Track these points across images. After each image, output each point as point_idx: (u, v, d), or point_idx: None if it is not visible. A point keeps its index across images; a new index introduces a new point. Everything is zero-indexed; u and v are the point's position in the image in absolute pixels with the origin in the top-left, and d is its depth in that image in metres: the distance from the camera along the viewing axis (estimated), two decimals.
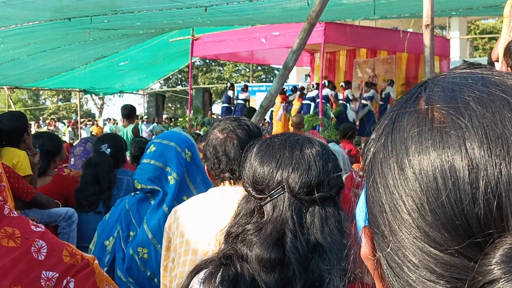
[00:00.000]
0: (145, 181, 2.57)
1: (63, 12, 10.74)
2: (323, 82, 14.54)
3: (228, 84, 20.27)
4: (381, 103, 16.31)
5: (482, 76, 0.53)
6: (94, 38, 14.06)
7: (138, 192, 2.69)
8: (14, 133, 3.56)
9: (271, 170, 1.32)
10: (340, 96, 16.09)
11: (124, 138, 5.51)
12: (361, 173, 0.61)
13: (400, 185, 0.51)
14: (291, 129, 12.58)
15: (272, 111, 16.47)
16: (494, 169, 0.46)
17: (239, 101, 18.12)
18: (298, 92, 17.10)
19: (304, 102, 15.48)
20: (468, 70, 0.56)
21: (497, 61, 3.02)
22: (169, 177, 2.56)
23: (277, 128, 15.93)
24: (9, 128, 3.55)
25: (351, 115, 15.60)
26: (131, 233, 2.63)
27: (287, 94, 17.29)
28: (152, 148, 2.63)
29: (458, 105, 0.50)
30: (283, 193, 1.30)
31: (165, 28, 15.28)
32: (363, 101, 16.24)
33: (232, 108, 18.29)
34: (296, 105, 15.98)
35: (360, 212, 0.64)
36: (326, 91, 14.78)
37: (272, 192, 1.31)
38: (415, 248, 0.50)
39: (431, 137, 0.50)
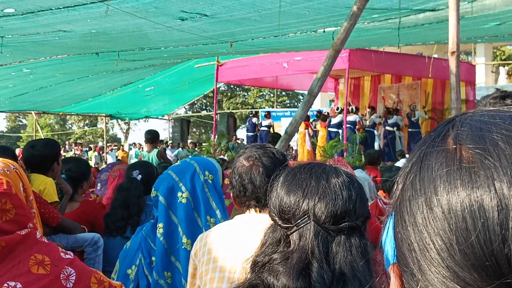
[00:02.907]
0: (161, 190, 2.59)
1: (90, 49, 10.99)
2: (350, 108, 14.51)
3: (253, 112, 20.38)
4: (410, 130, 16.20)
5: (510, 115, 0.53)
6: (122, 69, 14.30)
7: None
8: (45, 160, 3.50)
9: (297, 199, 1.32)
10: (366, 123, 16.03)
11: None
12: (387, 201, 0.61)
13: (429, 224, 0.51)
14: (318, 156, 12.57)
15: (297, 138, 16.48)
16: None
17: (263, 128, 18.27)
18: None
19: (330, 129, 15.45)
20: (495, 108, 0.56)
21: None
22: (179, 194, 2.56)
23: (304, 156, 15.91)
24: (41, 154, 3.49)
25: (378, 142, 15.52)
26: (153, 259, 2.64)
27: (311, 120, 17.27)
28: (177, 162, 2.77)
29: (486, 145, 0.50)
30: (309, 222, 1.30)
31: (191, 58, 15.48)
32: (388, 128, 16.14)
33: (257, 134, 18.39)
34: (322, 132, 15.91)
35: (389, 246, 0.64)
36: (354, 117, 14.74)
37: (299, 221, 1.30)
38: None
39: (460, 177, 0.50)
